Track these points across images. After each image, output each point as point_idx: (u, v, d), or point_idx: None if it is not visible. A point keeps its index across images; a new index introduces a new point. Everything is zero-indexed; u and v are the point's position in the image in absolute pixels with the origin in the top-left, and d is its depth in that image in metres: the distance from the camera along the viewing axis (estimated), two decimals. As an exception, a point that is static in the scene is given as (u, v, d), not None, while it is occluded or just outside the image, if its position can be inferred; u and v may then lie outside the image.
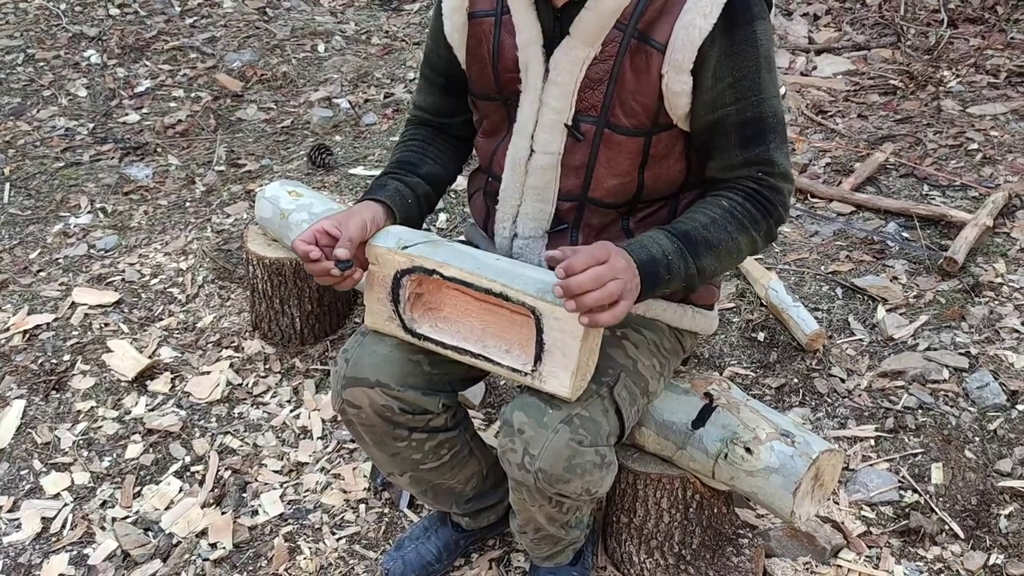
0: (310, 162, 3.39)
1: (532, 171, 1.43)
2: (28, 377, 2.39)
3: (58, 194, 3.29)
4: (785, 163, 1.37)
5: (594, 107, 1.36)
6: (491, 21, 1.41)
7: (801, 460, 1.49)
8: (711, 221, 1.32)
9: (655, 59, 1.31)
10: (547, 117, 1.38)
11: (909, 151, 3.31)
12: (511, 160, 1.44)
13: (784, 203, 1.38)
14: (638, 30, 1.31)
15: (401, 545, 1.83)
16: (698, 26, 1.27)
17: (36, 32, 4.56)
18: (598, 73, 1.34)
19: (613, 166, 1.39)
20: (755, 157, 1.35)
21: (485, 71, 1.45)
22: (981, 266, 2.59)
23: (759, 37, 1.30)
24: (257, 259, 2.33)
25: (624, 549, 1.78)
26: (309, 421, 2.24)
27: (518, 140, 1.43)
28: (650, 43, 1.31)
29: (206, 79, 4.15)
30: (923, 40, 4.21)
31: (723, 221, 1.33)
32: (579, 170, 1.41)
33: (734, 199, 1.35)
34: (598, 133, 1.37)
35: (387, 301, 1.44)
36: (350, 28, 4.74)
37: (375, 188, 1.50)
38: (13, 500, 2.05)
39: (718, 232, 1.32)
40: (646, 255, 1.26)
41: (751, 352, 2.38)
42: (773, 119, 1.35)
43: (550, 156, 1.41)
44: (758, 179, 1.36)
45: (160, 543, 1.93)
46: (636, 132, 1.36)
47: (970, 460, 2.00)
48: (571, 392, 1.32)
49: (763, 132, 1.34)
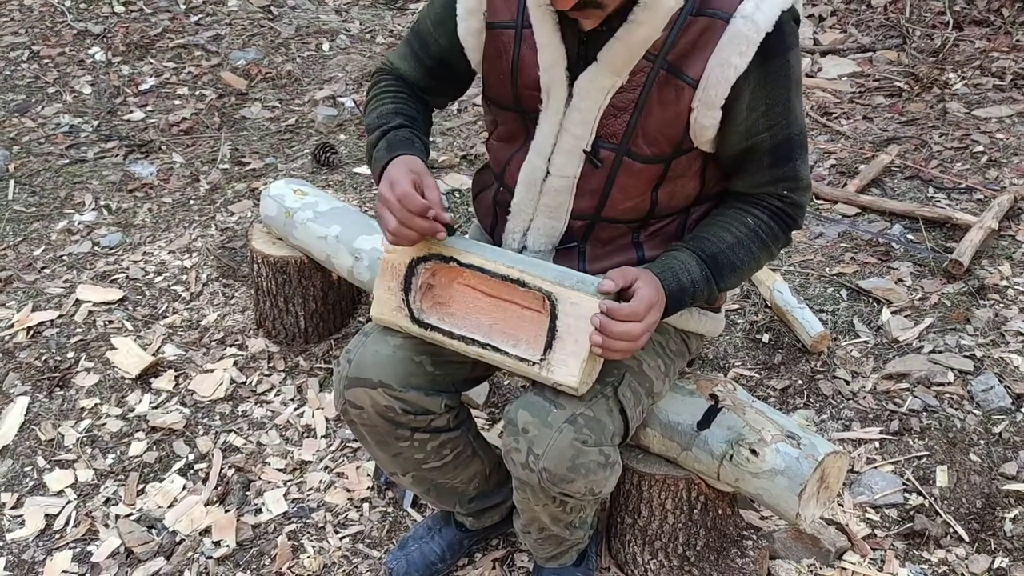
0: (314, 161, 3.39)
1: (546, 191, 1.41)
2: (32, 374, 2.39)
3: (62, 191, 3.29)
4: (808, 175, 1.40)
5: (615, 135, 1.34)
6: (511, 34, 1.37)
7: (807, 462, 1.49)
8: (737, 242, 1.36)
9: (686, 93, 1.29)
10: (566, 142, 1.36)
11: (914, 153, 3.30)
12: (526, 178, 1.42)
13: (803, 215, 1.42)
14: (668, 62, 1.28)
15: (405, 544, 1.83)
16: (733, 64, 1.25)
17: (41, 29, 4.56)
18: (623, 102, 1.31)
19: (630, 191, 1.39)
20: (782, 175, 1.37)
21: (504, 83, 1.42)
22: (986, 269, 2.58)
23: (792, 65, 1.29)
24: (262, 257, 2.33)
25: (628, 550, 1.77)
26: (313, 420, 2.24)
27: (535, 159, 1.40)
28: (681, 77, 1.28)
29: (211, 77, 4.15)
30: (928, 42, 4.20)
31: (748, 241, 1.37)
32: (594, 193, 1.40)
33: (760, 217, 1.39)
34: (617, 160, 1.36)
35: (397, 290, 1.44)
36: (355, 27, 4.74)
37: (403, 143, 1.43)
38: (17, 497, 2.06)
39: (743, 253, 1.37)
40: (676, 285, 1.31)
41: (755, 354, 2.37)
42: (800, 136, 1.36)
43: (566, 179, 1.39)
44: (783, 196, 1.39)
45: (163, 541, 1.93)
46: (656, 160, 1.35)
47: (975, 463, 2.00)
48: (578, 382, 1.31)
49: (791, 150, 1.36)
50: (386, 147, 1.43)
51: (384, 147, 1.43)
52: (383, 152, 1.42)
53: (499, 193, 1.51)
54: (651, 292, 1.26)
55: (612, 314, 1.22)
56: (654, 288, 1.27)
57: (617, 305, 1.23)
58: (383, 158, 1.41)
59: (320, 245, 2.18)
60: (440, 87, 1.56)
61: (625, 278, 1.27)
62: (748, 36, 1.24)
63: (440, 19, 1.46)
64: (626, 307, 1.23)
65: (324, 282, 2.38)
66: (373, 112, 1.51)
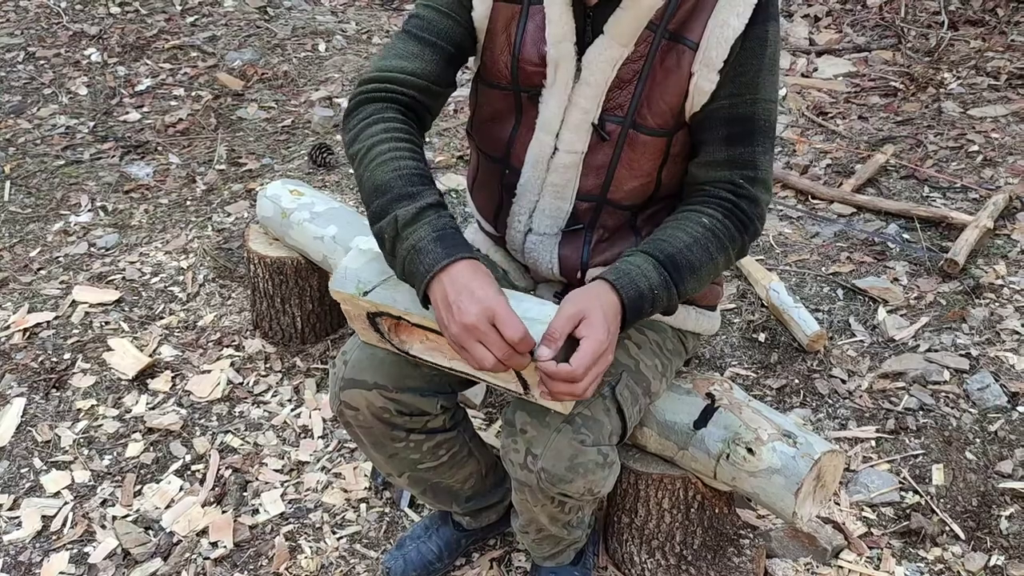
0: (311, 161, 3.39)
1: (554, 168, 1.41)
2: (28, 375, 2.39)
3: (59, 192, 3.28)
4: (767, 171, 1.34)
5: (621, 107, 1.34)
6: (518, 8, 1.36)
7: (803, 461, 1.49)
8: (694, 241, 1.28)
9: (687, 57, 1.29)
10: (575, 116, 1.36)
11: (910, 153, 3.31)
12: (533, 156, 1.42)
13: (761, 216, 1.35)
14: (669, 30, 1.29)
15: (402, 544, 1.83)
16: (732, 25, 1.26)
17: (37, 30, 4.55)
18: (628, 73, 1.32)
19: (635, 168, 1.38)
20: (739, 157, 1.32)
21: (503, 59, 1.39)
22: (982, 268, 2.59)
23: (769, 37, 1.29)
24: (258, 258, 2.33)
25: (625, 549, 1.78)
26: (310, 420, 2.23)
27: (542, 136, 1.39)
28: (683, 42, 1.29)
29: (207, 78, 4.15)
30: (924, 42, 4.21)
31: (704, 241, 1.29)
32: (600, 171, 1.39)
33: (714, 216, 1.31)
34: (623, 134, 1.35)
35: (371, 331, 1.40)
36: (351, 27, 4.74)
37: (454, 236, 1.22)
38: (13, 498, 2.05)
39: (700, 253, 1.28)
40: (634, 292, 1.22)
41: (752, 353, 2.38)
42: (765, 123, 1.33)
43: (574, 155, 1.38)
44: (738, 187, 1.32)
45: (161, 542, 1.92)
46: (660, 132, 1.35)
47: (971, 461, 2.00)
48: (564, 408, 1.31)
49: (751, 133, 1.32)
50: (435, 238, 1.20)
51: (431, 237, 1.20)
52: (431, 244, 1.19)
53: (505, 177, 1.48)
54: (595, 341, 1.15)
55: (552, 376, 1.15)
56: (602, 329, 1.16)
57: (554, 368, 1.14)
58: (434, 254, 1.19)
59: (317, 246, 2.18)
60: (452, 78, 1.43)
61: (569, 325, 1.16)
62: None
63: (450, 4, 1.38)
64: (563, 369, 1.14)
65: (321, 283, 2.38)
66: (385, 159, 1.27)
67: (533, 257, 1.50)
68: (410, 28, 1.40)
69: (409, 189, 1.24)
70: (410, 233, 1.21)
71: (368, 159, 1.28)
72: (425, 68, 1.37)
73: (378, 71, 1.37)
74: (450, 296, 1.16)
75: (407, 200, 1.23)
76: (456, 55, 1.40)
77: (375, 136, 1.29)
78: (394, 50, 1.39)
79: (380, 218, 1.24)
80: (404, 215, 1.21)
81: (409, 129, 1.32)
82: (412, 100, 1.36)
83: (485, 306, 1.14)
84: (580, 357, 1.15)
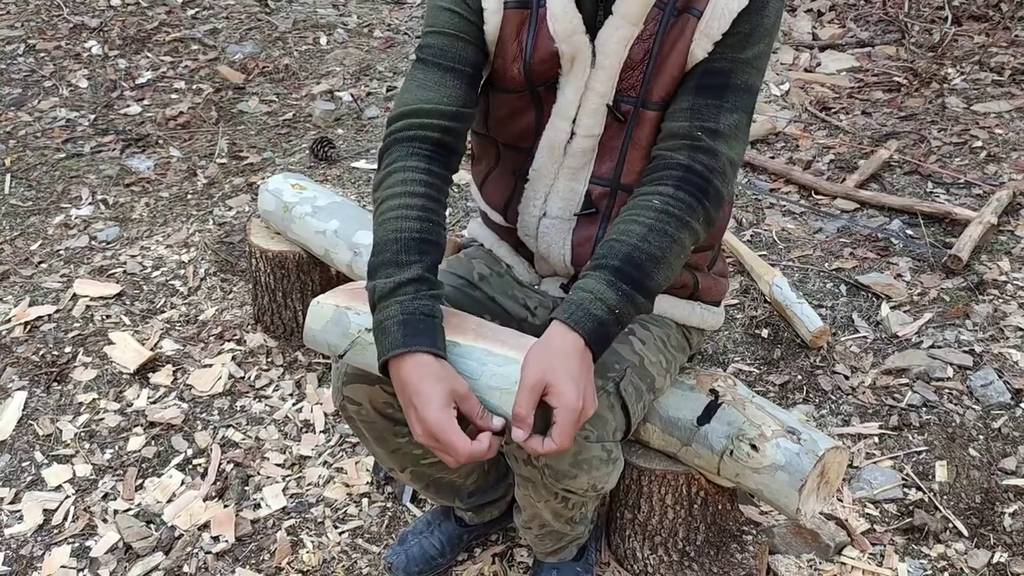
0: (312, 155, 3.38)
1: (571, 153, 1.40)
2: (29, 369, 2.39)
3: (59, 185, 3.28)
4: (733, 129, 1.27)
5: (633, 87, 1.34)
6: (527, 14, 1.34)
7: (807, 457, 1.49)
8: (648, 230, 1.22)
9: (690, 24, 1.29)
10: (592, 101, 1.35)
11: (913, 148, 3.30)
12: (549, 141, 1.41)
13: (721, 172, 1.27)
14: (677, 8, 1.29)
15: (404, 539, 1.83)
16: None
17: (37, 22, 4.54)
18: (639, 53, 1.32)
19: (641, 145, 1.38)
20: (703, 108, 1.27)
21: (512, 67, 1.37)
22: (985, 264, 2.58)
23: (768, 9, 1.28)
24: (260, 252, 2.32)
25: (628, 545, 1.77)
26: (311, 415, 2.23)
27: (558, 122, 1.39)
28: (689, 11, 1.29)
29: (208, 71, 4.13)
30: (927, 37, 4.20)
31: (660, 225, 1.23)
32: (613, 152, 1.39)
33: (664, 193, 1.25)
34: (635, 113, 1.35)
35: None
36: (352, 21, 4.73)
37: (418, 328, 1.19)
38: (15, 492, 2.05)
39: (659, 240, 1.22)
40: (592, 323, 1.16)
41: (755, 349, 2.37)
42: (741, 83, 1.29)
43: (591, 139, 1.38)
44: (694, 140, 1.26)
45: (162, 536, 1.92)
46: (662, 106, 1.34)
47: (974, 458, 2.00)
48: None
49: (723, 87, 1.27)
50: (401, 321, 1.19)
51: (397, 319, 1.19)
52: (395, 327, 1.18)
53: (524, 163, 1.45)
54: (568, 410, 1.12)
55: (538, 454, 1.15)
56: (571, 391, 1.12)
57: (539, 449, 1.14)
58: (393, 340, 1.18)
59: (319, 240, 2.18)
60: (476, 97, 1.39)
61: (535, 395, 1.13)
62: None
63: (458, 25, 1.35)
64: (548, 448, 1.14)
65: (323, 277, 2.37)
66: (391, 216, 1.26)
67: (547, 242, 1.49)
68: (425, 57, 1.37)
69: (399, 257, 1.24)
70: (382, 308, 1.21)
71: (380, 211, 1.29)
72: (450, 95, 1.35)
73: (404, 106, 1.35)
74: (407, 390, 1.17)
75: (393, 269, 1.23)
76: (475, 75, 1.38)
77: (393, 187, 1.30)
78: (415, 82, 1.36)
79: (370, 277, 1.26)
80: (382, 288, 1.22)
81: (428, 180, 1.31)
82: (442, 134, 1.34)
83: (426, 428, 1.15)
84: (559, 432, 1.13)
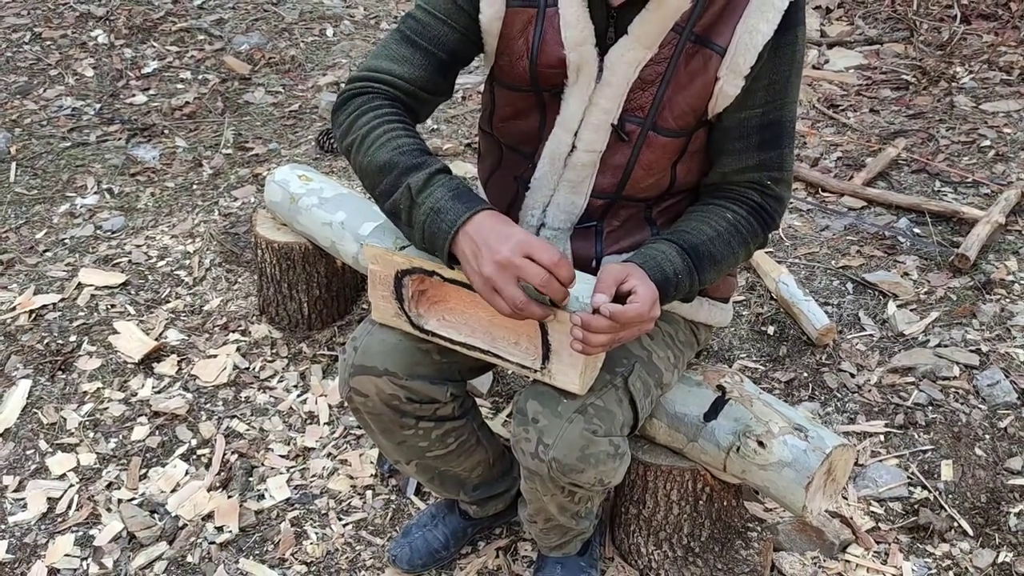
0: (318, 147, 3.37)
1: (571, 166, 1.40)
2: (34, 357, 2.39)
3: (64, 174, 3.27)
4: (791, 169, 1.39)
5: (641, 108, 1.33)
6: (533, 12, 1.33)
7: (814, 455, 1.48)
8: (717, 235, 1.33)
9: (714, 62, 1.29)
10: (595, 116, 1.34)
11: (921, 147, 3.29)
12: (550, 152, 1.40)
13: (782, 213, 1.41)
14: (695, 33, 1.28)
15: (408, 532, 1.83)
16: (761, 31, 1.25)
17: (43, 11, 4.53)
18: (651, 75, 1.30)
19: (652, 168, 1.38)
20: (769, 160, 1.36)
21: (520, 64, 1.36)
22: (993, 263, 2.57)
23: (799, 42, 1.29)
24: (266, 243, 2.32)
25: (632, 540, 1.77)
26: (316, 406, 2.23)
27: (560, 134, 1.38)
28: (709, 46, 1.28)
29: (214, 61, 4.12)
30: (936, 35, 4.18)
31: (728, 235, 1.34)
32: (617, 170, 1.38)
33: (739, 212, 1.36)
34: (642, 135, 1.34)
35: (392, 299, 1.41)
36: (359, 12, 4.71)
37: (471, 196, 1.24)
38: (19, 480, 2.05)
39: (722, 247, 1.33)
40: (660, 275, 1.26)
41: (760, 346, 2.37)
42: (790, 124, 1.36)
43: (592, 154, 1.38)
44: (765, 187, 1.37)
45: (166, 526, 1.92)
46: (679, 133, 1.35)
47: (980, 458, 1.99)
48: (580, 388, 1.32)
49: (780, 136, 1.36)
50: (451, 196, 1.21)
51: (447, 196, 1.21)
52: (449, 202, 1.21)
53: (527, 170, 1.46)
54: (648, 289, 1.20)
55: (617, 318, 1.15)
56: (649, 285, 1.21)
57: (620, 309, 1.16)
58: (455, 210, 1.20)
59: (325, 231, 2.17)
60: (444, 85, 1.42)
61: (616, 278, 1.20)
62: (774, 3, 1.25)
63: (448, 11, 1.36)
64: (616, 309, 1.15)
65: (328, 269, 2.36)
66: (383, 141, 1.28)
67: None
68: (404, 29, 1.39)
69: (414, 161, 1.25)
70: (425, 198, 1.22)
71: (365, 145, 1.29)
72: (414, 73, 1.36)
73: (367, 70, 1.37)
74: (478, 242, 1.17)
75: (415, 170, 1.24)
76: (449, 62, 1.39)
77: (368, 124, 1.30)
78: (386, 51, 1.38)
79: (391, 194, 1.26)
80: (416, 183, 1.23)
81: (399, 112, 1.33)
82: (402, 94, 1.37)
83: (517, 240, 1.15)
84: (635, 305, 1.17)
